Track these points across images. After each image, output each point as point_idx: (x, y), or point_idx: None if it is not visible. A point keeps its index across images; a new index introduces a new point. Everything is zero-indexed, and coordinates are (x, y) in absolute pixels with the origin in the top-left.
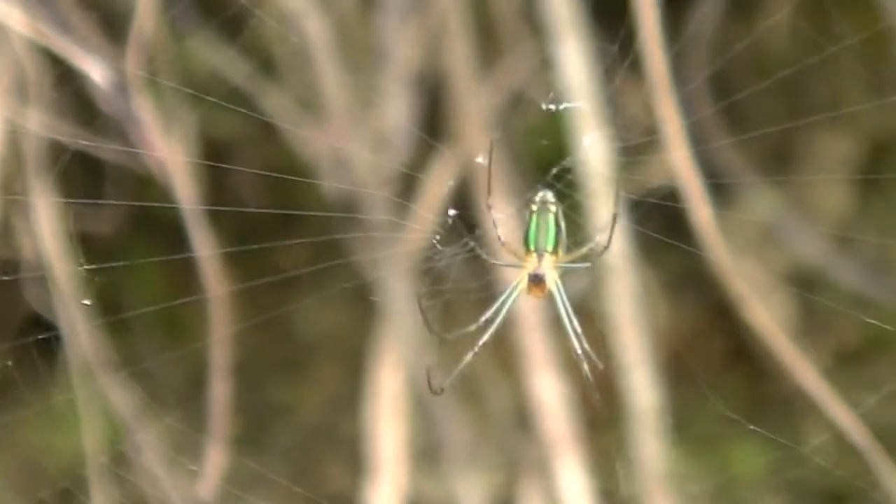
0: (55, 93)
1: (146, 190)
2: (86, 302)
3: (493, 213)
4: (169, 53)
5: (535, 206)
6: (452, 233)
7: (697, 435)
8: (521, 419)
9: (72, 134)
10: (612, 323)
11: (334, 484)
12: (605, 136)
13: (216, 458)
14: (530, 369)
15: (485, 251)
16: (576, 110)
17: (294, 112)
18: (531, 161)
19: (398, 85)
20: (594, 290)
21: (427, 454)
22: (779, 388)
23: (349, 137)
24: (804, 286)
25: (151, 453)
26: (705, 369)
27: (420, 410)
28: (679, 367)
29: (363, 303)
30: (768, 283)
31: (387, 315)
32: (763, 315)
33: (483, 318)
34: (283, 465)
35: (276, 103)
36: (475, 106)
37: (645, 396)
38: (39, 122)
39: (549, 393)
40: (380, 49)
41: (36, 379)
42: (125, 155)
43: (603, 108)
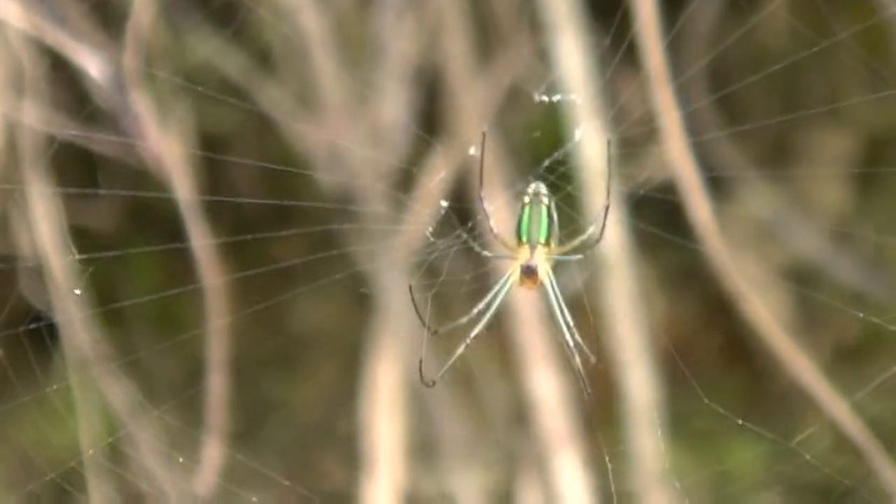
0: (52, 87)
1: (143, 184)
2: (77, 291)
3: (486, 204)
4: (165, 48)
5: (527, 197)
6: (445, 225)
7: (694, 431)
8: (519, 415)
9: (68, 128)
10: (609, 318)
11: (331, 480)
12: (598, 127)
13: (213, 452)
14: (527, 365)
15: (478, 243)
16: (571, 103)
17: (291, 107)
18: (527, 153)
19: (395, 79)
20: (591, 285)
21: (424, 450)
22: (776, 384)
23: (345, 132)
24: (802, 282)
25: (147, 448)
26: (703, 365)
27: (417, 406)
28: (676, 364)
29: (360, 298)
30: (766, 279)
31: (383, 310)
32: (760, 311)
33: (475, 309)
34: (280, 461)
35: (272, 98)
36: (471, 100)
37: (642, 392)
38: (36, 116)
39: (547, 389)
40: (376, 44)
41: (31, 373)
42: (122, 149)
43: (599, 101)
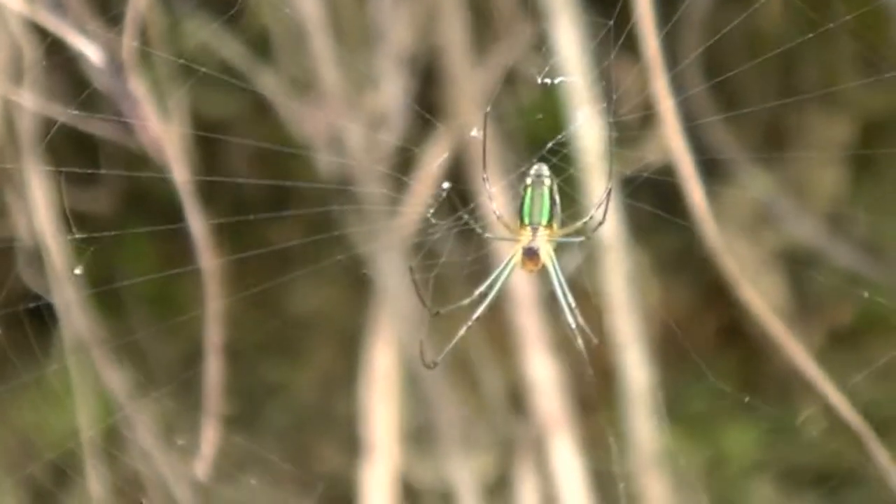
0: (50, 71)
1: (142, 168)
2: (77, 271)
3: (488, 186)
4: (163, 32)
5: (529, 179)
6: (445, 207)
7: (690, 414)
8: (515, 399)
9: (67, 112)
10: (605, 302)
11: (328, 463)
12: (600, 111)
13: (211, 436)
14: (524, 349)
15: (479, 224)
16: (571, 86)
17: (289, 91)
18: (528, 136)
19: (393, 64)
20: (587, 267)
21: (421, 434)
22: (772, 367)
23: (344, 116)
24: (798, 266)
25: (145, 431)
26: (699, 348)
27: (414, 390)
28: (672, 346)
29: (358, 282)
30: (762, 262)
31: (381, 294)
32: (755, 295)
33: (477, 291)
34: (278, 444)
35: (271, 82)
36: (470, 84)
37: (638, 375)
38: (34, 100)
39: (543, 372)
40: (375, 28)
41: (29, 356)
42: (120, 132)
43: (598, 85)
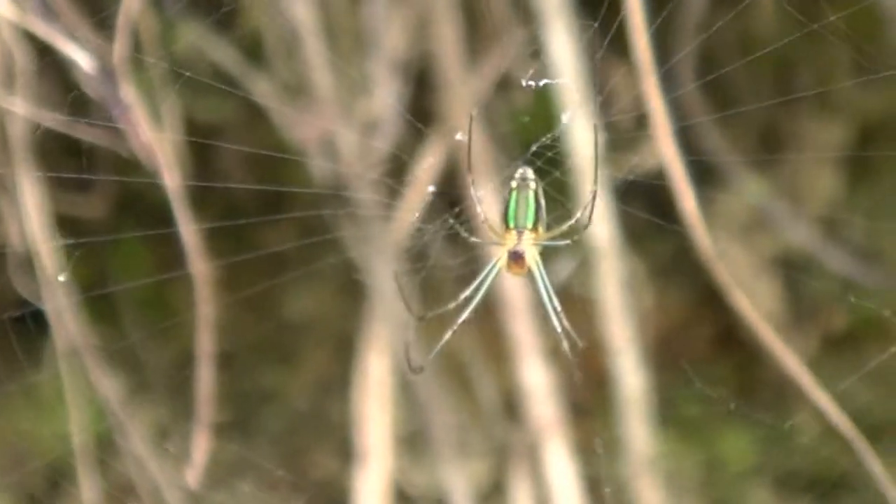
0: (42, 77)
1: (134, 174)
2: (61, 278)
3: (474, 189)
4: (156, 37)
5: (514, 182)
6: (435, 210)
7: (685, 419)
8: (509, 405)
9: (58, 118)
10: (599, 308)
11: (322, 468)
12: (586, 113)
13: (202, 443)
14: (517, 355)
15: (465, 228)
16: (563, 89)
17: (282, 97)
18: (521, 140)
19: (385, 69)
20: (580, 273)
21: (415, 440)
22: (766, 372)
23: (337, 122)
24: (792, 271)
25: (138, 438)
26: (693, 355)
27: (408, 395)
28: (666, 353)
29: (351, 286)
30: (756, 268)
31: (375, 300)
32: (748, 301)
33: (463, 295)
34: (272, 450)
35: (264, 88)
36: (463, 89)
37: (631, 381)
38: (26, 106)
39: (537, 378)
40: (368, 33)
41: (20, 363)
42: (111, 139)
43: (588, 88)
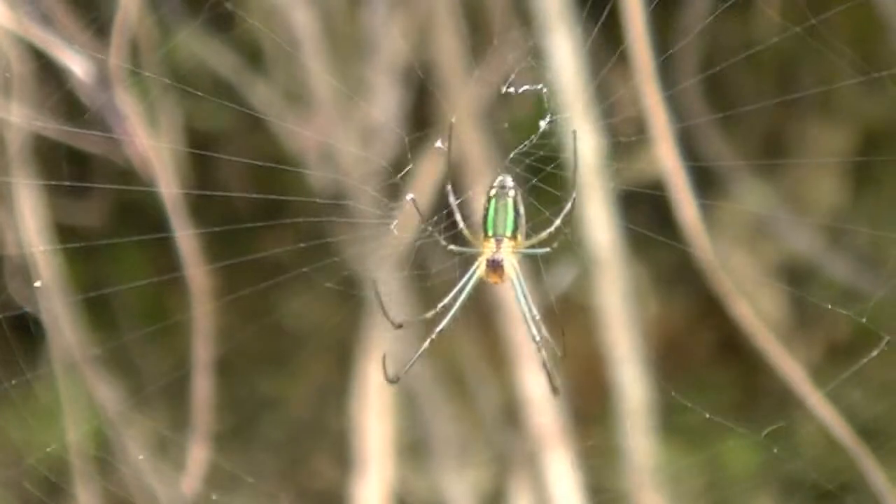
0: (39, 85)
1: (131, 183)
2: (37, 284)
3: (452, 198)
4: (154, 46)
5: (493, 190)
6: (430, 217)
7: (686, 427)
8: (510, 414)
9: (55, 126)
10: (600, 316)
11: (322, 478)
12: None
13: (199, 453)
14: (518, 364)
15: (444, 237)
16: (565, 95)
17: (281, 105)
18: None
19: (385, 77)
20: (582, 282)
21: (415, 448)
22: (769, 380)
23: (336, 129)
24: (796, 280)
25: (136, 446)
26: (695, 362)
27: (408, 404)
28: (668, 361)
29: (350, 296)
30: (758, 276)
31: (373, 308)
32: (748, 309)
33: (441, 304)
34: (271, 459)
35: (262, 96)
36: (463, 97)
37: (634, 390)
38: (23, 114)
39: (537, 387)
40: (367, 41)
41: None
42: (108, 147)
43: (589, 96)
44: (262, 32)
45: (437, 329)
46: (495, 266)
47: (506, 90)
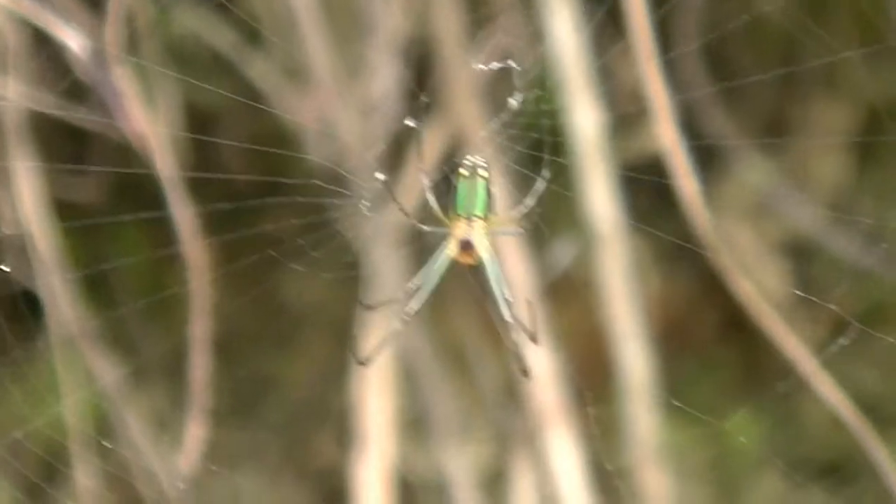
0: (36, 62)
1: (129, 160)
2: (3, 267)
3: (424, 176)
4: (150, 22)
5: (464, 169)
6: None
7: (691, 405)
8: (511, 391)
9: (52, 103)
10: (602, 293)
11: (323, 456)
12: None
13: (196, 431)
14: (520, 340)
15: (413, 217)
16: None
17: (280, 81)
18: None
19: (385, 53)
20: (583, 259)
21: (416, 426)
22: (774, 357)
23: (336, 106)
24: (800, 256)
25: (135, 424)
26: (699, 339)
27: (409, 382)
28: (671, 338)
29: (350, 274)
30: (763, 253)
31: (373, 286)
32: (753, 287)
33: (409, 284)
34: (273, 438)
35: (261, 72)
36: (463, 74)
37: (637, 368)
38: (19, 91)
39: (539, 364)
40: (367, 16)
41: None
42: (104, 125)
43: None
44: (260, 7)
45: (409, 311)
46: (466, 246)
47: (477, 67)
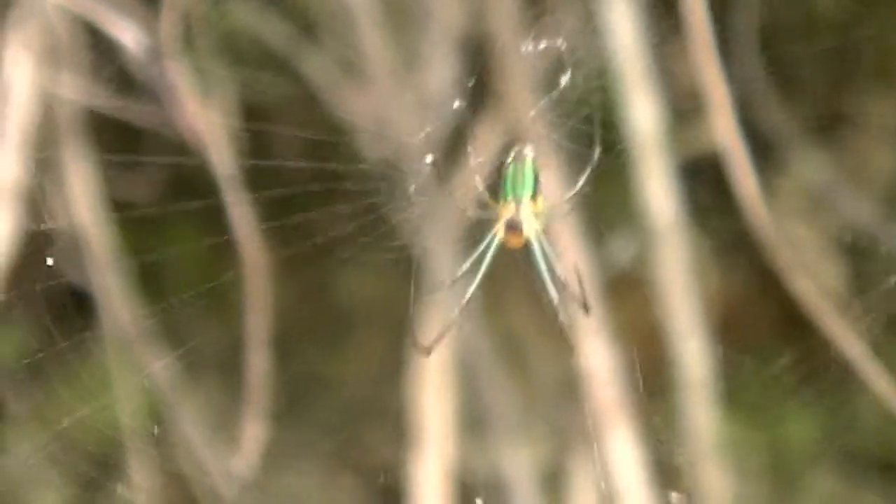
0: (89, 58)
1: (185, 157)
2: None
3: (474, 159)
4: (205, 17)
5: (512, 154)
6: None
7: (750, 402)
8: (571, 388)
9: (106, 99)
10: (660, 290)
11: (379, 456)
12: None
13: (253, 431)
14: (579, 336)
15: (465, 200)
16: (624, 73)
17: (335, 76)
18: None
19: (442, 46)
20: (642, 256)
21: (474, 425)
22: (833, 356)
23: (392, 101)
24: (855, 252)
25: (190, 426)
26: (757, 336)
27: (466, 380)
28: (730, 335)
29: (406, 270)
30: (819, 249)
31: (429, 282)
32: (807, 283)
33: (460, 272)
34: (327, 438)
35: (317, 67)
36: (520, 67)
37: (696, 365)
38: (73, 88)
39: (599, 361)
40: (423, 9)
41: (72, 350)
42: (160, 121)
43: (650, 67)
44: (315, 2)
45: (465, 298)
46: (513, 228)
47: (526, 49)
